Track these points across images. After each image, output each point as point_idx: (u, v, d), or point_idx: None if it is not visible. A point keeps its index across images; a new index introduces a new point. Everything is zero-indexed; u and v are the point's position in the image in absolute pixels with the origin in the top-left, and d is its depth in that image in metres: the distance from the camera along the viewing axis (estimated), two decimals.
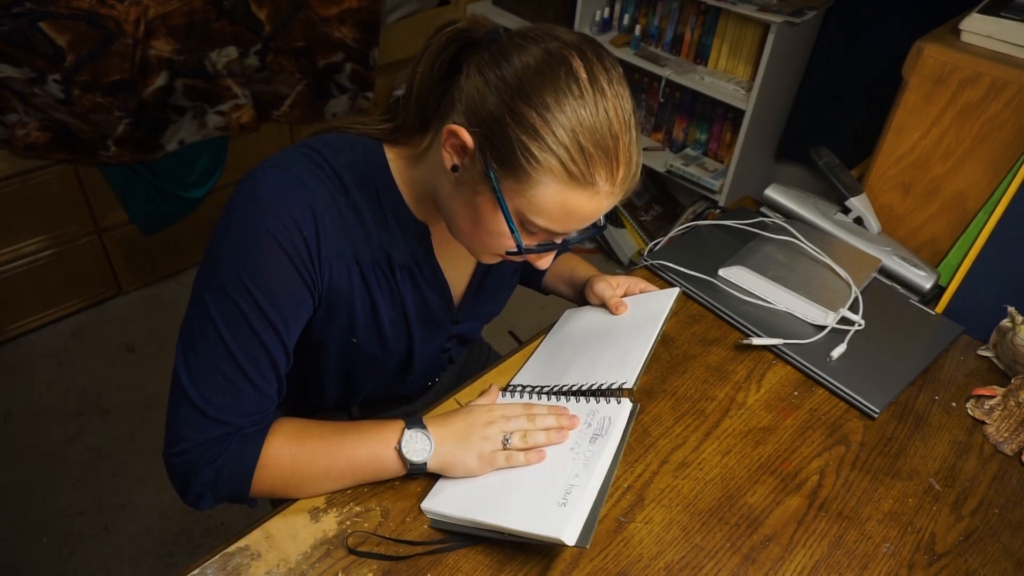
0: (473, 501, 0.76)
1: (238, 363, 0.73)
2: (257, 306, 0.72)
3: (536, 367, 0.97)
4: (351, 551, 0.75)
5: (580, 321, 1.02)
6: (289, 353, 0.78)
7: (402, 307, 0.85)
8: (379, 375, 0.94)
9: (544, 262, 0.79)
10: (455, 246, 0.86)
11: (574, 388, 0.88)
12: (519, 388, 0.93)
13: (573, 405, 0.85)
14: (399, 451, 0.77)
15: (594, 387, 0.86)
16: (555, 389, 0.89)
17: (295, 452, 0.77)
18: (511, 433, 0.80)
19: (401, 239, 0.82)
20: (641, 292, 1.03)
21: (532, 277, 1.14)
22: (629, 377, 0.85)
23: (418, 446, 0.78)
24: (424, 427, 0.79)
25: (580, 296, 1.08)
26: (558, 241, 0.76)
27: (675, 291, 0.98)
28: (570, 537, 0.67)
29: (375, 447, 0.78)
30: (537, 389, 0.91)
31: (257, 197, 0.72)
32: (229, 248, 0.72)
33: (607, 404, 0.83)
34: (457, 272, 0.91)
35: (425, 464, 0.78)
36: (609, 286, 1.02)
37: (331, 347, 0.85)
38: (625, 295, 1.03)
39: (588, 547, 0.69)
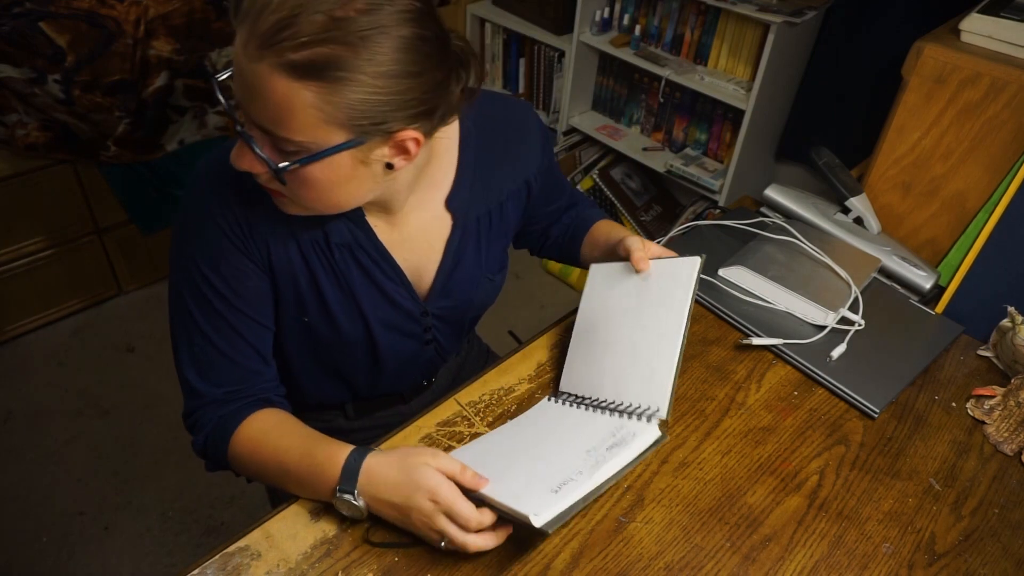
0: (477, 469, 0.76)
1: (208, 337, 0.79)
2: (209, 282, 0.78)
3: (575, 362, 0.96)
4: (369, 543, 0.76)
5: (606, 297, 0.97)
6: (262, 323, 0.82)
7: (349, 288, 0.85)
8: (349, 363, 0.94)
9: (236, 150, 0.68)
10: (411, 232, 0.86)
11: (609, 405, 0.87)
12: (563, 396, 0.93)
13: (605, 418, 0.85)
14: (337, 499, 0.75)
15: (627, 408, 0.85)
16: (592, 402, 0.89)
17: (256, 453, 0.80)
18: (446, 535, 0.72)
19: (338, 218, 0.81)
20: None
21: (570, 251, 1.11)
22: (661, 404, 0.83)
23: (351, 511, 0.75)
24: (354, 491, 0.73)
25: (612, 256, 1.02)
26: (240, 118, 0.68)
27: (696, 260, 0.91)
28: (538, 520, 0.67)
29: (317, 490, 0.77)
30: (576, 400, 0.91)
31: (197, 180, 0.77)
32: (179, 229, 0.78)
33: (637, 421, 0.82)
34: (420, 260, 0.89)
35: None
36: (639, 242, 0.96)
37: (289, 328, 0.87)
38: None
39: (550, 534, 0.69)
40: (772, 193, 1.28)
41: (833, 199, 1.26)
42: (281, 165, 0.66)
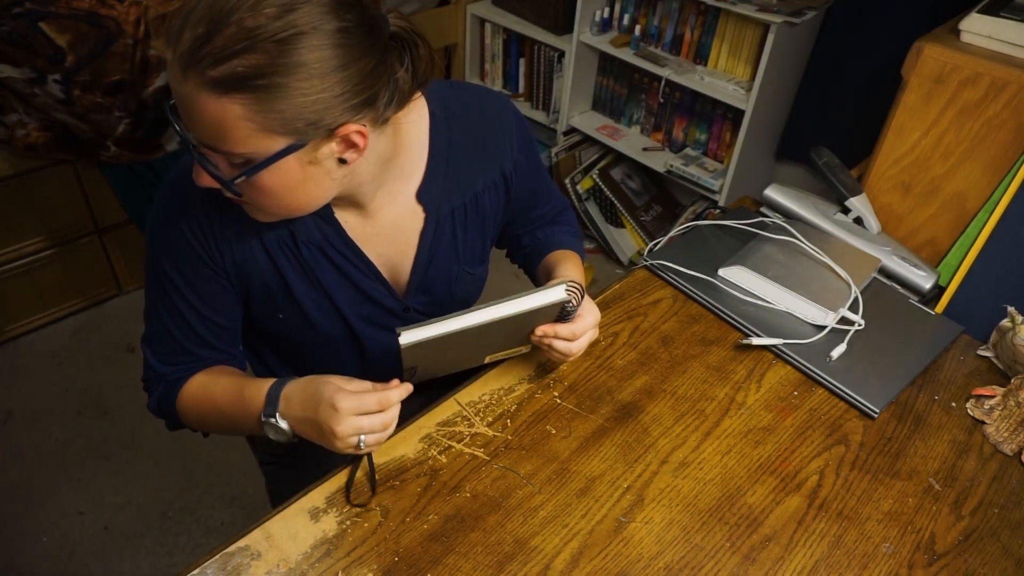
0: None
1: (163, 323, 0.85)
2: (171, 280, 0.82)
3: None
4: (351, 504, 0.75)
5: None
6: (217, 322, 0.86)
7: (320, 284, 0.85)
8: (335, 360, 0.94)
9: (194, 170, 0.70)
10: (385, 226, 0.85)
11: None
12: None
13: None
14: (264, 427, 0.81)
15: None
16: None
17: (199, 405, 0.87)
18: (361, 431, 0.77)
19: (305, 216, 0.80)
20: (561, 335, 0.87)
21: (529, 269, 1.11)
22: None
23: (277, 434, 0.80)
24: (276, 414, 0.79)
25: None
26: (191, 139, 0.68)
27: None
28: (403, 338, 0.74)
29: (249, 423, 0.83)
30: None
31: (169, 185, 0.80)
32: (150, 229, 0.83)
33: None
34: (395, 254, 0.89)
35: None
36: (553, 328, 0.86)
37: (266, 326, 0.90)
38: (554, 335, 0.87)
39: (403, 347, 0.74)
40: (772, 193, 1.28)
41: (833, 199, 1.26)
42: (229, 179, 0.67)
